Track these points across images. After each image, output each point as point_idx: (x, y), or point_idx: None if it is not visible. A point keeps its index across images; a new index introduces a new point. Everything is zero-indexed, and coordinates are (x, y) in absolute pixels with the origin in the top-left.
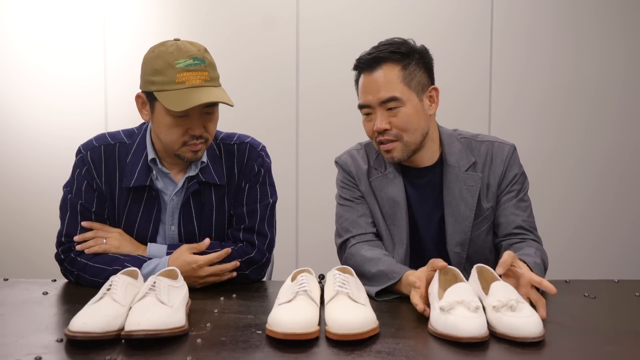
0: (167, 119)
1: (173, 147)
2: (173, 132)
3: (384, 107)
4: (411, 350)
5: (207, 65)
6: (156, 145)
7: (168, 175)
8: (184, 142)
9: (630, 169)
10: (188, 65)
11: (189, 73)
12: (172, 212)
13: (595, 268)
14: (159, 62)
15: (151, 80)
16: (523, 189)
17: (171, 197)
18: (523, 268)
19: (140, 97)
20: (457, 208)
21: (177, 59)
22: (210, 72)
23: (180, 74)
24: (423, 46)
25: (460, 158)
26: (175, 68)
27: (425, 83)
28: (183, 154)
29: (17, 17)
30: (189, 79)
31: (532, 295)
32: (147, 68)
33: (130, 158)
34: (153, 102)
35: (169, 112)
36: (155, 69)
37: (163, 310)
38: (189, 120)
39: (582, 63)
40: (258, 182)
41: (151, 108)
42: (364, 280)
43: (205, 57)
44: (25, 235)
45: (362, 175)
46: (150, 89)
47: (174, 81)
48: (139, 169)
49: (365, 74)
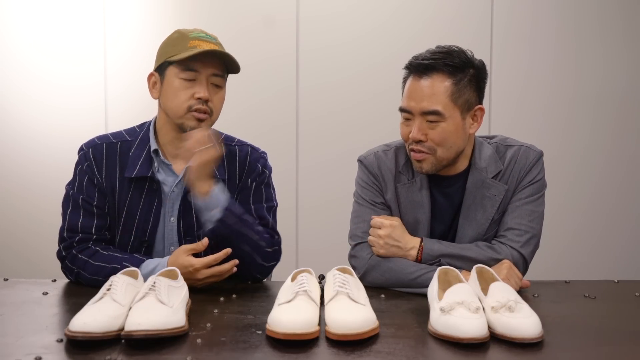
0: (176, 81)
1: (178, 112)
2: (180, 95)
3: (424, 118)
4: (411, 350)
5: (219, 44)
6: (159, 136)
7: (170, 167)
8: (189, 107)
9: (631, 170)
10: (200, 36)
11: (200, 41)
12: (172, 204)
13: (595, 268)
14: (174, 35)
15: (165, 51)
16: (535, 194)
17: (172, 189)
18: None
19: (152, 75)
20: (474, 214)
21: (191, 32)
22: (220, 48)
23: (192, 41)
24: (481, 62)
25: (489, 164)
26: (188, 37)
27: (472, 102)
28: (187, 123)
29: (17, 17)
30: (200, 44)
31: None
32: (162, 46)
33: (133, 151)
34: (164, 72)
35: (177, 75)
36: (170, 41)
37: (163, 311)
38: (197, 84)
39: (583, 64)
40: (263, 183)
41: (161, 80)
42: (403, 287)
43: (218, 40)
44: (25, 235)
45: (389, 181)
46: (162, 59)
47: (187, 46)
48: (142, 160)
49: (414, 78)
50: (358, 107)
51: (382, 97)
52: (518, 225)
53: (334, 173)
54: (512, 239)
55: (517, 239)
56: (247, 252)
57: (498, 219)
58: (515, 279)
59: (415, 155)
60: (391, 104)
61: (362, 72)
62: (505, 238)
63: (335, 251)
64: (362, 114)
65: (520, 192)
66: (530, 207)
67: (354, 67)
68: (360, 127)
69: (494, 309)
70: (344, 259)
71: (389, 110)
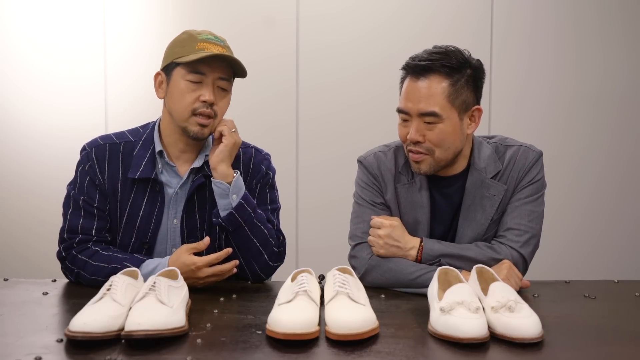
0: (182, 83)
1: (183, 115)
2: (186, 97)
3: (421, 119)
4: (411, 350)
5: (227, 47)
6: (163, 137)
7: (174, 169)
8: (194, 110)
9: (631, 170)
10: (209, 39)
11: (208, 43)
12: (175, 206)
13: (595, 268)
14: (182, 36)
15: (173, 52)
16: (535, 194)
17: (175, 190)
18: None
19: (158, 75)
20: (474, 214)
21: (200, 34)
22: (228, 52)
23: (201, 43)
24: (478, 61)
25: (488, 164)
26: (197, 39)
27: (470, 103)
28: (190, 127)
29: (17, 17)
30: (208, 47)
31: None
32: (170, 46)
33: (137, 152)
34: (170, 72)
35: (184, 77)
36: (178, 42)
37: (163, 311)
38: (203, 87)
39: (583, 64)
40: (267, 185)
41: (168, 80)
42: (403, 287)
43: (226, 43)
44: (25, 235)
45: (389, 181)
46: (170, 60)
47: (195, 48)
48: (145, 162)
49: (411, 79)
50: (358, 107)
51: (382, 98)
52: (518, 226)
53: (334, 173)
54: (511, 239)
55: (517, 239)
56: (256, 247)
57: (497, 219)
58: (515, 279)
59: (413, 156)
60: (391, 104)
61: (362, 72)
62: (505, 238)
63: (335, 251)
64: (362, 114)
65: (519, 192)
66: (529, 207)
67: (354, 67)
68: (360, 127)
69: (494, 309)
70: (344, 259)
71: (389, 111)
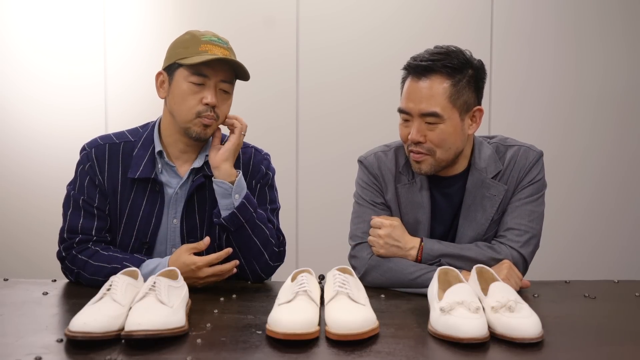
0: (184, 85)
1: (187, 117)
2: (189, 100)
3: (422, 119)
4: (411, 350)
5: (230, 49)
6: (164, 137)
7: (173, 169)
8: (197, 113)
9: (631, 170)
10: (212, 40)
11: (212, 45)
12: (175, 206)
13: (595, 268)
14: (185, 37)
15: (176, 52)
16: (535, 194)
17: (175, 190)
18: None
19: (160, 74)
20: (474, 214)
21: (203, 35)
22: (231, 54)
23: (204, 45)
24: (480, 61)
25: (489, 164)
26: (200, 40)
27: (471, 103)
28: (193, 128)
29: (17, 17)
30: (211, 49)
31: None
32: (172, 46)
33: (137, 152)
34: (173, 73)
35: (187, 78)
36: (181, 42)
37: (163, 311)
38: (205, 89)
39: (583, 64)
40: (267, 185)
41: (170, 81)
42: (403, 287)
43: (229, 45)
44: (25, 235)
45: (389, 181)
46: (172, 60)
47: (198, 49)
48: (145, 161)
49: (412, 79)
50: (358, 107)
51: (382, 98)
52: (518, 226)
53: (334, 173)
54: (512, 239)
55: (517, 239)
56: (257, 247)
57: (498, 219)
58: (515, 279)
59: (414, 157)
60: (391, 104)
61: (362, 72)
62: (505, 238)
63: (335, 251)
64: (362, 114)
65: (520, 192)
66: (530, 207)
67: (354, 67)
68: (360, 127)
69: (494, 309)
70: (344, 259)
71: (389, 111)
